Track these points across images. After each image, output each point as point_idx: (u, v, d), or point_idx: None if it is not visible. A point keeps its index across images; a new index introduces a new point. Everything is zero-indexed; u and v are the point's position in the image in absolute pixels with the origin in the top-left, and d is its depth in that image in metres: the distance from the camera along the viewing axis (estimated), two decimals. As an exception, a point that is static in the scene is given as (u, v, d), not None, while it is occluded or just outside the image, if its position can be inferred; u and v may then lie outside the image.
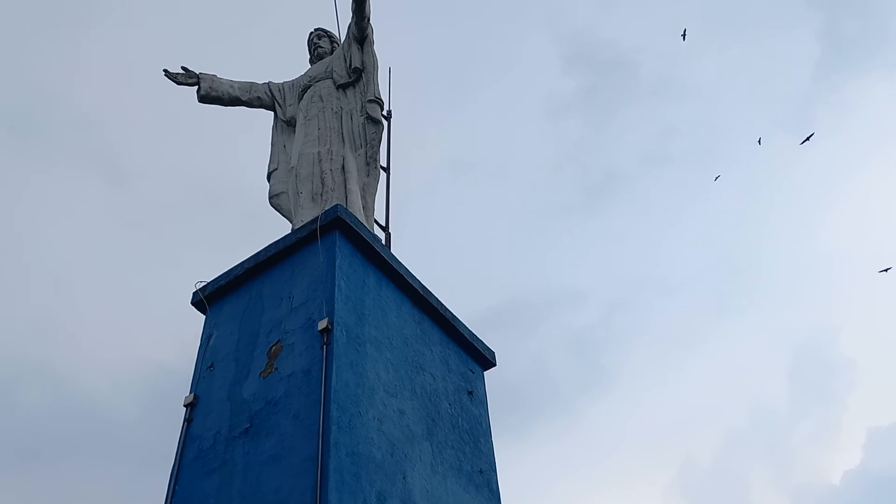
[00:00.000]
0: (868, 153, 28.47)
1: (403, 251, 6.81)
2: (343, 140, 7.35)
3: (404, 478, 4.97)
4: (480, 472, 5.83)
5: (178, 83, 7.84)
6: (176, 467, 5.17)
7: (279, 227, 7.42)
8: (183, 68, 7.87)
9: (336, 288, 5.47)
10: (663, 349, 26.25)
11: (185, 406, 5.50)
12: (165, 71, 7.80)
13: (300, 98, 7.90)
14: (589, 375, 25.39)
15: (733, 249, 26.58)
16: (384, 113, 7.78)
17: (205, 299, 6.19)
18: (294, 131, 7.72)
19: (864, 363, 26.18)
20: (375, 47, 7.88)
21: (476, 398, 6.41)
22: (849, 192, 27.97)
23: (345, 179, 7.01)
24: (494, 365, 6.89)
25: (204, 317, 6.23)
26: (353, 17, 7.65)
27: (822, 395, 25.23)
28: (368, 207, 7.19)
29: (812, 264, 26.78)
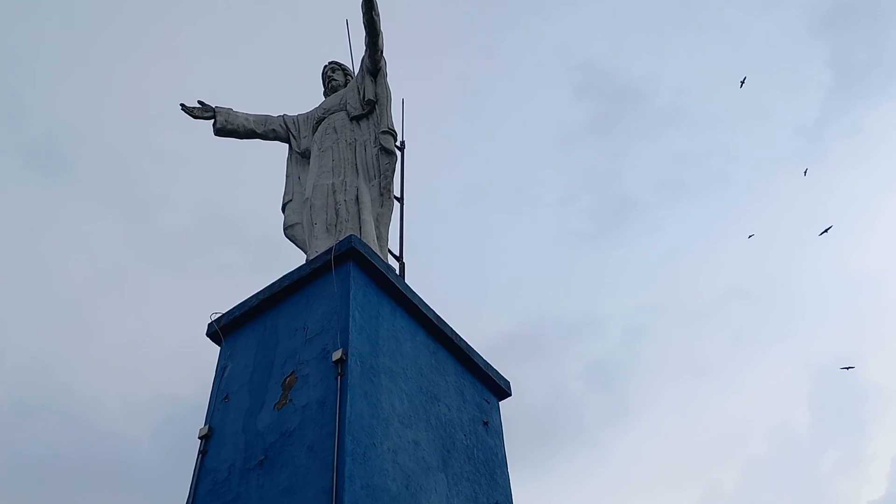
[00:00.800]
0: (885, 179, 28.30)
1: (417, 281, 6.84)
2: (357, 171, 7.41)
3: (420, 510, 4.92)
4: (496, 503, 5.76)
5: (195, 117, 7.97)
6: (191, 500, 5.14)
7: (294, 258, 7.48)
8: (200, 102, 8.01)
9: (350, 318, 5.47)
10: (684, 377, 25.95)
11: (199, 438, 5.49)
12: (182, 105, 7.93)
13: (314, 130, 8.00)
14: (608, 403, 25.12)
15: (752, 276, 26.35)
16: (397, 144, 7.85)
17: (220, 331, 6.21)
18: (308, 163, 7.81)
19: (891, 389, 25.73)
20: (389, 79, 7.99)
21: (491, 429, 6.35)
22: (867, 218, 27.74)
23: (359, 210, 7.06)
24: (510, 395, 6.84)
25: (219, 348, 6.25)
26: (366, 50, 7.77)
27: (847, 424, 24.78)
28: (382, 237, 7.23)
29: (833, 290, 26.49)
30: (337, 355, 5.19)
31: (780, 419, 25.65)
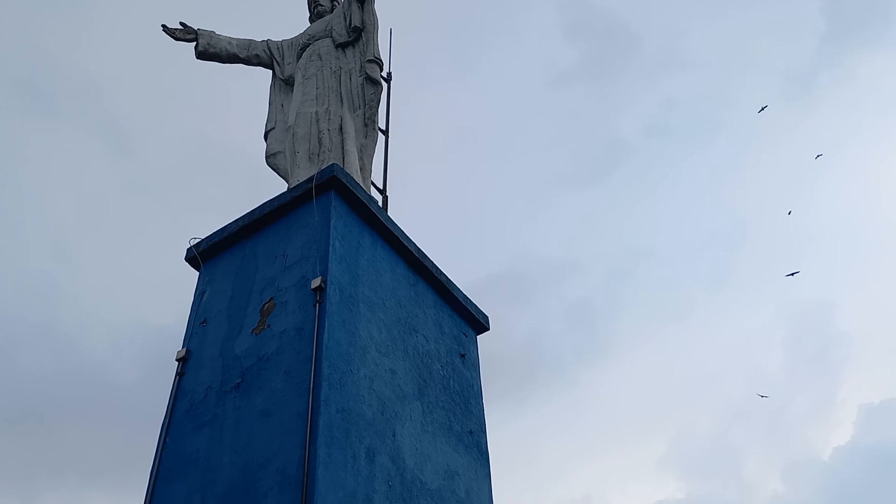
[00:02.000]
0: (870, 127, 28.28)
1: (400, 215, 6.79)
2: (341, 100, 7.28)
3: (394, 435, 5.01)
4: (470, 432, 5.88)
5: (176, 39, 7.75)
6: (167, 421, 5.20)
7: (277, 187, 7.40)
8: (181, 24, 7.78)
9: (330, 247, 5.45)
10: (662, 320, 26.37)
11: (177, 360, 5.52)
12: (164, 26, 7.71)
13: (299, 57, 7.82)
14: (587, 345, 25.54)
15: (734, 222, 26.55)
16: (384, 74, 7.70)
17: (199, 256, 6.18)
18: (292, 90, 7.65)
19: (861, 338, 26.31)
20: (376, 6, 7.78)
21: (468, 361, 6.44)
22: (850, 166, 27.85)
23: (342, 140, 6.96)
24: (488, 329, 6.91)
25: (198, 273, 6.23)
26: (353, -26, 7.54)
27: (820, 370, 25.40)
28: (366, 169, 7.15)
29: (814, 238, 26.77)
30: (316, 283, 5.19)
31: (755, 364, 26.24)
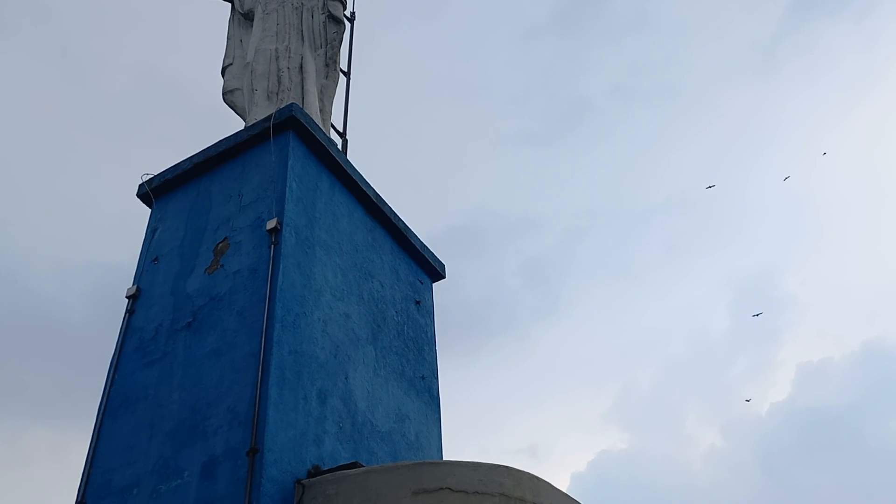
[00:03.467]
0: (828, 102, 28.80)
1: (360, 160, 6.70)
2: (302, 38, 7.08)
3: (346, 378, 5.04)
4: (422, 378, 5.95)
5: (130, -36, 7.41)
6: (116, 357, 5.14)
7: (235, 126, 7.21)
8: (135, -52, 7.42)
9: (287, 189, 5.37)
10: (614, 279, 26.85)
11: (126, 298, 5.43)
12: (116, -50, 7.35)
13: (260, -10, 7.55)
14: (540, 300, 25.92)
15: (691, 188, 26.93)
16: (347, 14, 7.51)
17: (151, 192, 6.04)
18: (251, 25, 7.41)
19: (806, 301, 27.22)
20: (341, -58, 7.53)
21: (423, 308, 6.47)
22: (805, 138, 28.38)
23: (302, 79, 6.80)
24: (444, 277, 6.94)
25: (150, 210, 6.09)
26: None
27: (762, 332, 26.27)
28: (326, 110, 7.02)
29: (765, 205, 27.38)
30: (271, 224, 5.13)
31: (700, 325, 27.01)
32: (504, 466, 4.04)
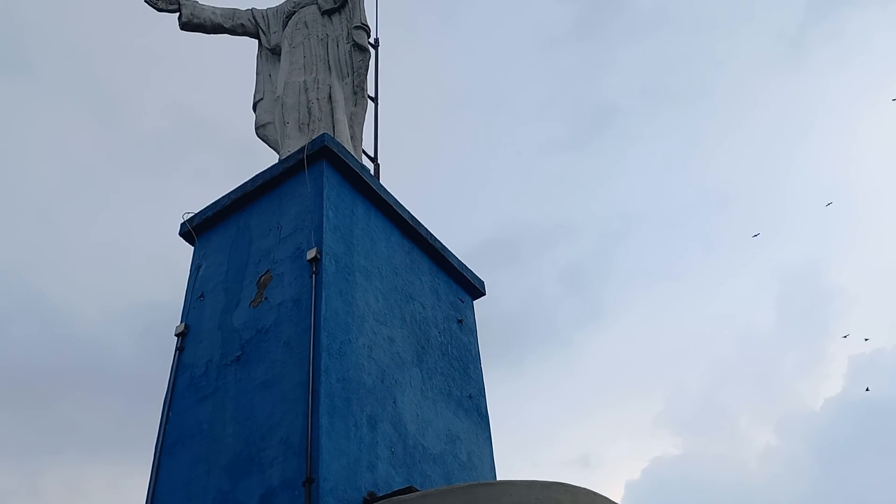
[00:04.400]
0: (862, 87, 28.19)
1: (392, 182, 6.78)
2: (329, 68, 7.20)
3: (394, 402, 5.07)
4: (470, 397, 5.95)
5: (159, 10, 7.63)
6: (169, 395, 5.24)
7: (268, 159, 7.36)
8: (163, -6, 7.64)
9: (324, 217, 5.45)
10: (655, 281, 26.52)
11: (176, 335, 5.54)
12: (144, -4, 7.57)
13: (285, 25, 7.71)
14: (581, 307, 25.72)
15: (728, 183, 26.56)
16: (371, 40, 7.60)
17: (193, 230, 6.17)
18: (279, 60, 7.56)
19: (854, 292, 26.57)
20: (361, -29, 7.65)
21: (466, 326, 6.48)
22: (841, 125, 27.83)
23: (332, 108, 6.90)
24: (484, 294, 6.95)
25: (192, 248, 6.22)
26: (337, -61, 7.40)
27: (811, 325, 25.69)
28: (356, 137, 7.10)
29: (806, 196, 26.85)
30: (311, 254, 5.20)
31: (747, 320, 26.50)
32: (559, 483, 4.01)
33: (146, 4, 7.58)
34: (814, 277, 25.84)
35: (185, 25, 7.71)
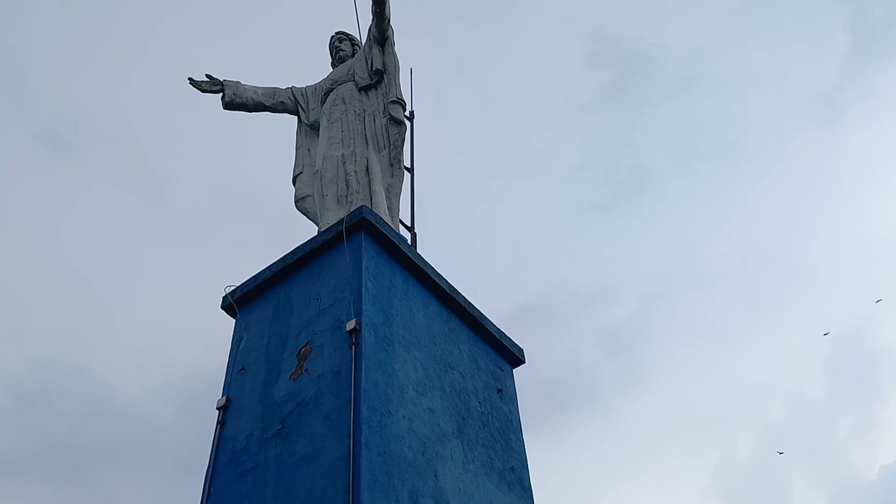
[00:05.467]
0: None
1: (429, 251, 6.83)
2: (367, 142, 7.39)
3: (436, 476, 4.98)
4: (512, 469, 5.82)
5: (203, 91, 7.95)
6: (210, 469, 5.23)
7: (307, 230, 7.50)
8: (207, 76, 7.99)
9: (363, 288, 5.49)
10: (700, 343, 25.95)
11: (217, 409, 5.56)
12: (190, 79, 7.92)
13: (323, 101, 7.96)
14: (623, 371, 25.19)
15: (768, 242, 26.19)
16: (406, 114, 7.80)
17: (234, 303, 6.26)
18: (318, 135, 7.78)
19: (904, 354, 25.61)
20: (396, 48, 7.92)
21: (506, 396, 6.39)
22: (884, 183, 27.43)
23: (369, 181, 7.05)
24: (524, 362, 6.87)
25: (234, 321, 6.30)
26: (373, 19, 7.69)
27: (862, 389, 24.76)
28: (393, 208, 7.22)
29: (848, 254, 26.30)
30: (351, 325, 5.23)
31: (796, 384, 25.64)
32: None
33: (191, 86, 7.91)
34: (862, 338, 25.05)
35: (228, 105, 8.01)
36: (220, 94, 7.98)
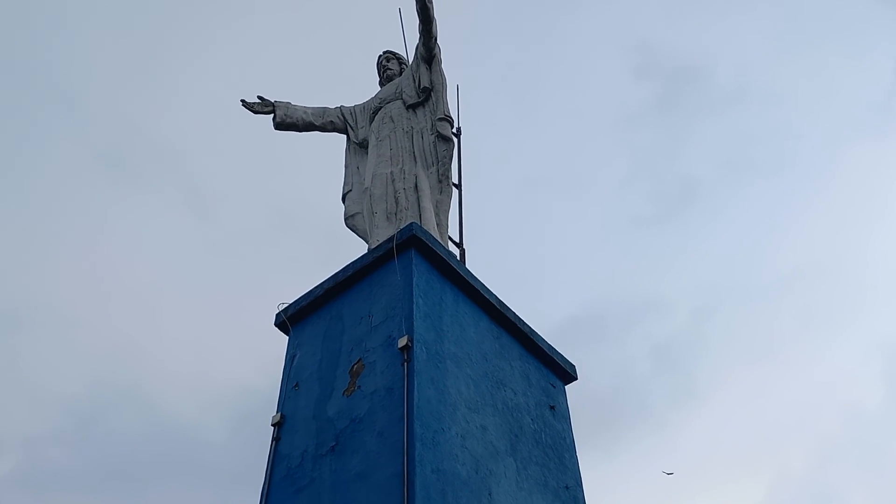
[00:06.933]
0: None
1: (479, 267, 6.83)
2: (415, 159, 7.44)
3: (490, 494, 4.94)
4: (566, 487, 5.74)
5: (255, 112, 8.12)
6: (266, 486, 5.28)
7: (357, 247, 7.57)
8: (259, 98, 8.16)
9: (414, 305, 5.51)
10: (754, 357, 25.27)
11: (272, 425, 5.62)
12: (243, 101, 8.10)
13: (371, 120, 8.06)
14: (676, 385, 24.69)
15: (822, 254, 25.45)
16: (454, 130, 7.84)
17: (287, 321, 6.34)
18: (366, 153, 7.87)
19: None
20: (443, 66, 7.97)
21: (558, 413, 6.32)
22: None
23: (418, 198, 7.09)
24: (576, 378, 6.79)
25: (287, 338, 6.38)
26: (420, 37, 7.77)
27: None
28: (442, 224, 7.24)
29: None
30: (402, 342, 5.24)
31: (852, 399, 24.76)
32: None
33: (244, 108, 8.09)
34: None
35: (279, 126, 8.17)
36: (272, 116, 8.14)
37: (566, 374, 6.74)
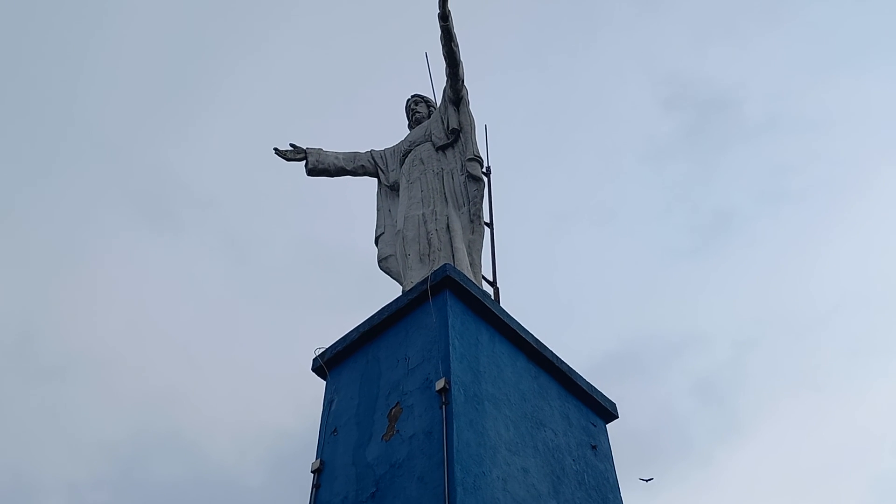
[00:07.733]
0: None
1: (514, 305, 6.79)
2: (446, 200, 7.48)
3: (534, 539, 4.83)
4: (612, 530, 5.59)
5: (288, 160, 8.27)
6: (307, 534, 5.24)
7: (391, 289, 7.59)
8: (291, 145, 8.31)
9: (450, 347, 5.49)
10: (800, 390, 24.55)
11: (312, 472, 5.60)
12: (276, 149, 8.26)
13: (402, 163, 8.15)
14: (719, 421, 24.06)
15: (864, 283, 24.81)
16: (484, 170, 7.88)
17: (324, 365, 6.35)
18: (398, 195, 7.94)
19: None
20: (471, 107, 8.06)
21: (600, 452, 6.20)
22: None
23: (450, 238, 7.11)
24: (616, 417, 6.67)
25: (324, 382, 6.38)
26: (447, 80, 7.87)
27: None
28: (475, 264, 7.24)
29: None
30: (440, 384, 5.21)
31: (908, 432, 23.85)
32: None
33: (276, 156, 8.24)
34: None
35: (311, 172, 8.30)
36: (304, 162, 8.28)
37: (607, 412, 6.62)
